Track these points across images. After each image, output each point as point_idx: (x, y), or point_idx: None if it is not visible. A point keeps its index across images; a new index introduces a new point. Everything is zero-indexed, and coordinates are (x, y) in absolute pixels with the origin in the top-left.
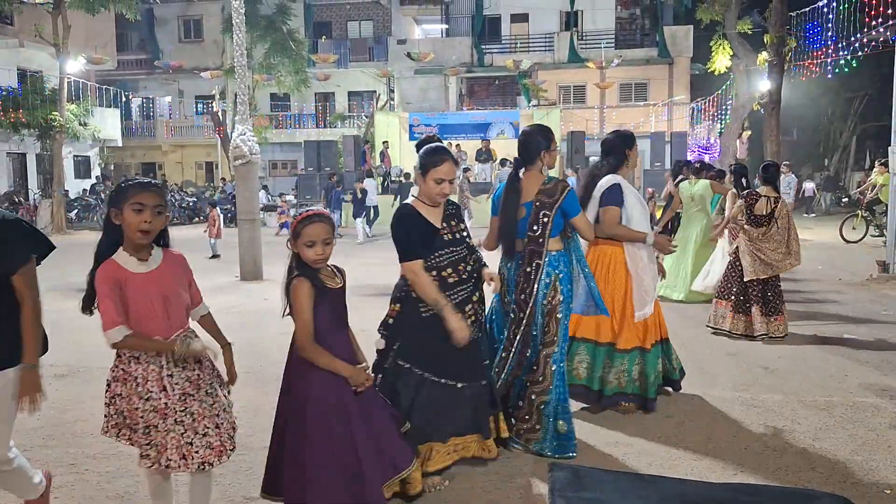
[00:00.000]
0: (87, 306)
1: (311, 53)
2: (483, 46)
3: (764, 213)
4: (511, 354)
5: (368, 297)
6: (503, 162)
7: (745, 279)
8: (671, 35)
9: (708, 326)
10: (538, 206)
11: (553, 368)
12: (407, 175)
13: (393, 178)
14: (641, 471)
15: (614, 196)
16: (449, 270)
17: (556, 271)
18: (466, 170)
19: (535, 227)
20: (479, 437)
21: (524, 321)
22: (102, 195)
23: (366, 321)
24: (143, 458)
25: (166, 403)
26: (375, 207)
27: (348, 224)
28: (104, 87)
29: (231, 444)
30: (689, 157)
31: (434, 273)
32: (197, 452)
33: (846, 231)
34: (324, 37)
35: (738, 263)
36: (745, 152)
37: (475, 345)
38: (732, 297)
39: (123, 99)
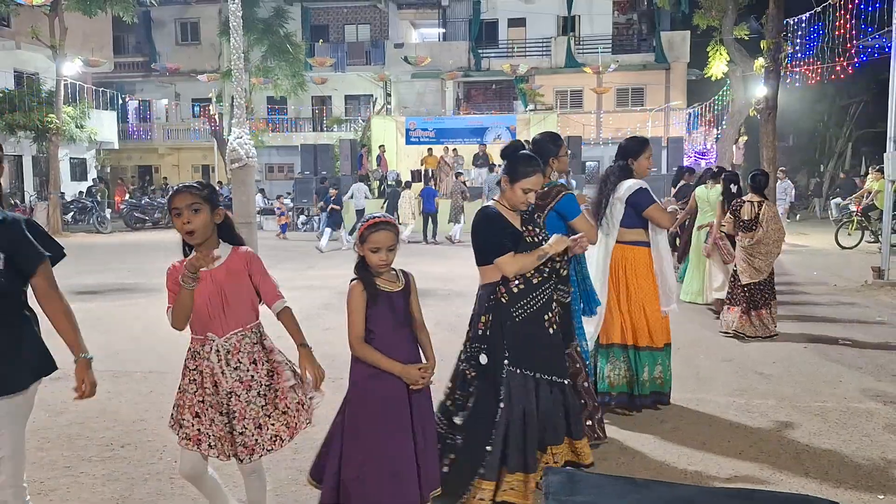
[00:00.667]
0: None
1: (308, 57)
2: (480, 51)
3: (748, 217)
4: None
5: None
6: (491, 167)
7: (742, 283)
8: (668, 40)
9: (724, 333)
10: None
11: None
12: (398, 182)
13: (389, 183)
14: (636, 475)
15: (647, 196)
16: (532, 271)
17: None
18: (459, 174)
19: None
20: (569, 440)
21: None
22: (98, 197)
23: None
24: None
25: (217, 400)
26: (362, 211)
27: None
28: (101, 89)
29: (272, 444)
30: (685, 163)
31: (519, 276)
32: (231, 446)
33: (841, 237)
34: (321, 40)
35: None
36: (742, 158)
37: (562, 343)
38: (742, 303)
39: (120, 101)
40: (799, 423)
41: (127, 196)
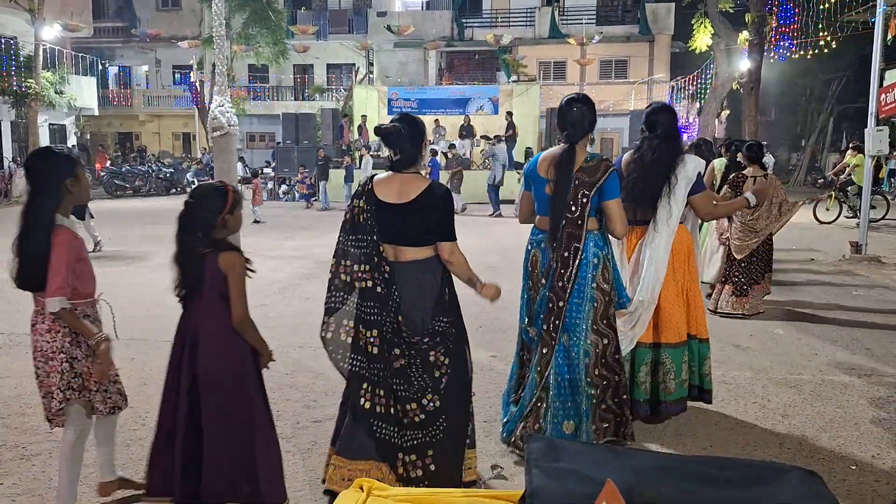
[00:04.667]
0: None
1: (289, 24)
2: (464, 20)
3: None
4: (554, 349)
5: None
6: (479, 140)
7: (737, 259)
8: (652, 12)
9: (713, 311)
10: (577, 186)
11: (618, 356)
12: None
13: (371, 153)
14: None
15: (701, 180)
16: None
17: (603, 251)
18: (452, 146)
19: (573, 208)
20: None
21: (563, 310)
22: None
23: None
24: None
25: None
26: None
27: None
28: (80, 54)
29: None
30: None
31: None
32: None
33: (820, 212)
34: (303, 8)
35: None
36: (723, 132)
37: None
38: (737, 281)
39: (100, 67)
40: (774, 395)
41: (108, 163)
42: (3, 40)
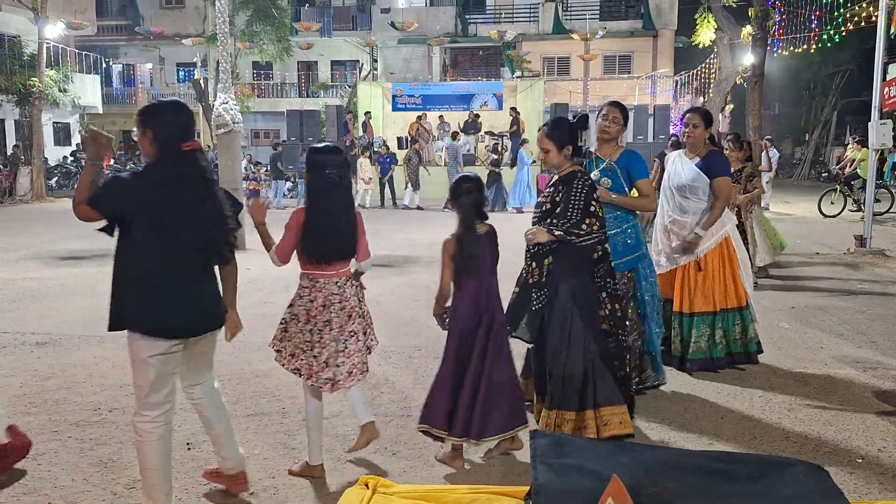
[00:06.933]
0: None
1: (293, 21)
2: (467, 16)
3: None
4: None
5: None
6: (483, 136)
7: None
8: (656, 7)
9: None
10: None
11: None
12: (364, 147)
13: (375, 149)
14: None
15: None
16: None
17: None
18: (415, 142)
19: None
20: None
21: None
22: (83, 162)
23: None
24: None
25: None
26: None
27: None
28: (84, 53)
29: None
30: (671, 131)
31: None
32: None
33: (824, 205)
34: (307, 4)
35: None
36: (727, 126)
37: None
38: None
39: (103, 65)
40: (780, 389)
41: (112, 161)
42: (6, 38)
